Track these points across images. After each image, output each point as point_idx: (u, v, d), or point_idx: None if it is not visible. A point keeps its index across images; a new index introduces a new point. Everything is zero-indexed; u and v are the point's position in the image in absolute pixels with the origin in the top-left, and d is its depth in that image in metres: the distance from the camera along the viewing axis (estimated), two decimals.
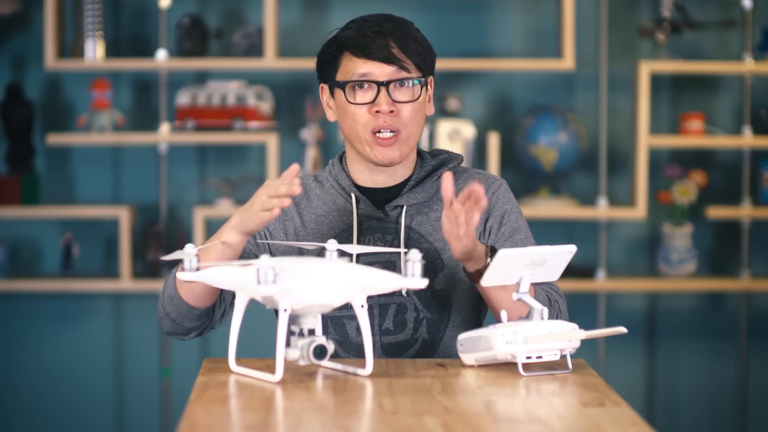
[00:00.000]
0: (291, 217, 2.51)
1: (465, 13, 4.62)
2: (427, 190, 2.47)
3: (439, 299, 2.43)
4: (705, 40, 4.64)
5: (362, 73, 2.40)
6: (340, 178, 2.49)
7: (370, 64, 2.40)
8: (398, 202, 2.46)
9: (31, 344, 4.68)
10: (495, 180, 2.51)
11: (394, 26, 2.42)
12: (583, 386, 2.04)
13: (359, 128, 2.41)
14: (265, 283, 1.98)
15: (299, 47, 4.58)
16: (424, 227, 2.45)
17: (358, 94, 2.41)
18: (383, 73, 2.40)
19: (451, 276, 2.44)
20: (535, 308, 2.12)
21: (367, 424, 1.85)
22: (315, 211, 2.50)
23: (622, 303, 4.71)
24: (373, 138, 2.41)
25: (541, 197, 4.50)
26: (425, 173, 2.49)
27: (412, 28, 2.44)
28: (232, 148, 4.65)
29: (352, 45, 2.41)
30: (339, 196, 2.49)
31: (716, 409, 4.72)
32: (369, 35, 2.40)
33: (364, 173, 2.48)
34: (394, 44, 2.40)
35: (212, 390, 2.03)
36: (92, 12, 4.45)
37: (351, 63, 2.41)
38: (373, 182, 2.48)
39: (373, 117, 2.40)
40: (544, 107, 4.50)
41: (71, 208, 4.51)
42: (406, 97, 2.41)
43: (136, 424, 4.69)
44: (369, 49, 2.39)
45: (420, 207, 2.47)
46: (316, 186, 2.53)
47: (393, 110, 2.40)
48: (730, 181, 4.67)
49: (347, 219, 2.47)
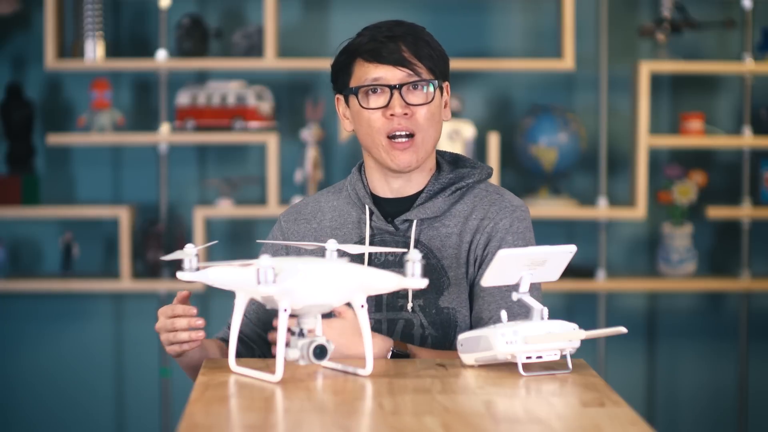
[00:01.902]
0: (304, 236, 2.50)
1: (465, 13, 4.62)
2: (438, 206, 2.44)
3: (445, 317, 2.41)
4: (705, 40, 4.64)
5: (375, 78, 2.39)
6: (358, 188, 2.48)
7: (382, 68, 2.39)
8: (408, 216, 2.44)
9: (31, 344, 4.68)
10: (510, 205, 2.45)
11: (405, 30, 2.41)
12: (583, 386, 2.04)
13: (374, 133, 2.40)
14: (265, 283, 1.98)
15: (299, 47, 4.58)
16: (433, 242, 2.43)
17: (371, 98, 2.41)
18: (395, 77, 2.39)
19: (457, 295, 2.41)
20: (535, 308, 2.12)
21: (367, 424, 1.85)
22: (330, 223, 2.50)
23: (622, 303, 4.71)
24: (389, 143, 2.40)
25: (541, 197, 4.50)
26: (439, 187, 2.46)
27: (424, 33, 2.43)
28: (232, 148, 4.65)
29: (364, 51, 2.40)
30: (354, 207, 2.49)
31: (716, 409, 4.72)
32: (380, 40, 2.39)
33: (381, 181, 2.47)
34: (406, 48, 2.39)
35: (212, 390, 2.03)
36: (92, 12, 4.45)
37: (363, 69, 2.41)
38: (390, 190, 2.47)
39: (388, 121, 2.39)
40: (544, 107, 4.50)
41: (71, 208, 4.51)
42: (419, 99, 2.40)
43: (136, 424, 4.69)
44: (380, 54, 2.39)
45: (431, 222, 2.44)
46: (333, 197, 2.53)
47: (407, 113, 2.39)
48: (730, 181, 4.67)
49: (360, 232, 2.46)
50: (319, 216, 2.51)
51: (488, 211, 2.45)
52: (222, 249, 4.60)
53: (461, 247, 2.43)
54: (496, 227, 2.43)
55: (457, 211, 2.45)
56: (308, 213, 2.53)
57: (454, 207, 2.46)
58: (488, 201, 2.46)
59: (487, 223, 2.43)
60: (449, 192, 2.45)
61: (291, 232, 2.51)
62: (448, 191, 2.45)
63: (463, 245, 2.43)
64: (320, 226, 2.50)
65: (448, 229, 2.44)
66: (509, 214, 2.45)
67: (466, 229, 2.44)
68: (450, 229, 2.44)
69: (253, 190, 4.63)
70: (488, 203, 2.46)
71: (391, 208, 2.47)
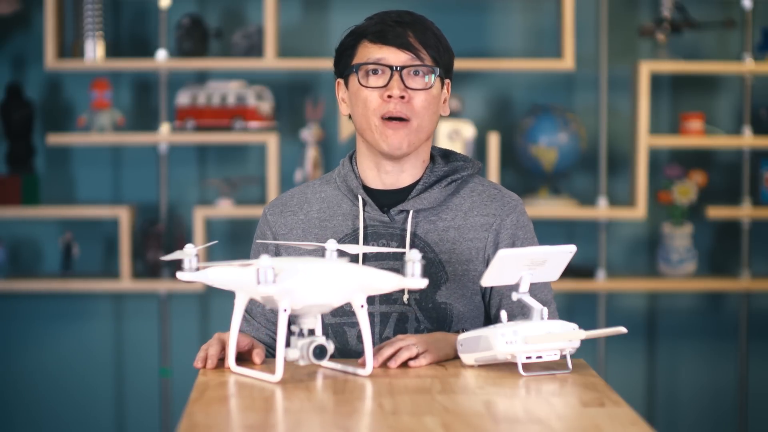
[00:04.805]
0: (292, 228, 2.48)
1: (465, 13, 4.62)
2: (435, 197, 2.43)
3: (441, 312, 2.40)
4: (705, 40, 4.64)
5: (378, 58, 2.38)
6: (349, 178, 2.46)
7: (386, 49, 2.38)
8: (404, 206, 2.42)
9: (31, 344, 4.68)
10: (511, 200, 2.47)
11: (414, 19, 2.42)
12: (583, 386, 2.04)
13: (370, 114, 2.39)
14: (265, 283, 1.98)
15: (299, 47, 4.58)
16: (430, 236, 2.42)
17: (371, 78, 2.40)
18: (398, 59, 2.38)
19: (454, 290, 2.41)
20: (535, 308, 2.12)
21: (367, 424, 1.85)
22: (318, 214, 2.47)
23: (622, 303, 4.71)
24: (382, 123, 2.38)
25: (541, 197, 4.50)
26: (435, 178, 2.45)
27: (433, 25, 2.44)
28: (232, 148, 4.65)
29: (370, 32, 2.40)
30: (344, 198, 2.47)
31: (716, 409, 4.72)
32: (389, 24, 2.39)
33: (372, 171, 2.45)
34: (412, 34, 2.39)
35: (212, 390, 2.03)
36: (92, 12, 4.45)
37: (367, 49, 2.40)
38: (381, 183, 2.45)
39: (385, 102, 2.38)
40: (544, 107, 4.50)
41: (71, 208, 4.51)
42: (419, 85, 2.39)
43: (136, 424, 4.69)
44: (386, 36, 2.38)
45: (427, 214, 2.43)
46: (321, 189, 2.50)
47: (405, 96, 2.37)
48: (730, 181, 4.67)
49: (351, 223, 2.44)
50: (306, 207, 2.48)
51: (490, 208, 2.45)
52: (222, 249, 4.60)
53: (462, 243, 2.42)
54: (503, 224, 2.44)
55: (455, 205, 2.45)
56: (294, 204, 2.49)
57: (451, 200, 2.45)
58: (487, 196, 2.46)
59: (493, 221, 2.44)
60: (445, 183, 2.44)
61: (278, 225, 2.48)
62: (444, 182, 2.44)
63: (465, 241, 2.42)
64: (308, 217, 2.47)
65: (445, 222, 2.43)
66: (513, 209, 2.45)
67: (467, 224, 2.43)
68: (447, 222, 2.43)
69: (253, 190, 4.63)
70: (488, 198, 2.46)
71: (383, 199, 2.45)
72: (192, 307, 4.68)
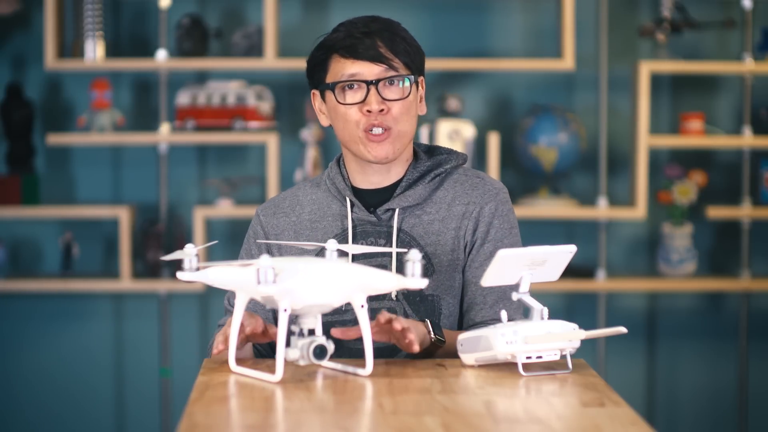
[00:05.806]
0: (284, 229, 2.50)
1: (465, 13, 4.62)
2: (419, 193, 2.46)
3: (429, 305, 2.43)
4: (705, 40, 4.64)
5: (351, 74, 2.41)
6: (337, 181, 2.50)
7: (359, 64, 2.40)
8: (390, 205, 2.46)
9: (31, 344, 4.68)
10: (492, 188, 2.50)
11: (381, 26, 2.43)
12: (583, 386, 2.04)
13: (351, 127, 2.42)
14: (265, 283, 1.98)
15: (299, 47, 4.58)
16: (416, 230, 2.45)
17: (348, 94, 2.42)
18: (372, 73, 2.40)
19: (442, 282, 2.43)
20: (535, 308, 2.12)
21: (367, 424, 1.85)
22: (309, 216, 2.50)
23: (622, 303, 4.71)
24: (365, 135, 2.42)
25: (541, 197, 4.50)
26: (418, 174, 2.48)
27: (399, 28, 2.45)
28: (232, 148, 4.65)
29: (340, 47, 2.42)
30: (334, 200, 2.50)
31: (716, 409, 4.72)
32: (356, 36, 2.41)
33: (360, 174, 2.49)
34: (382, 44, 2.41)
35: (212, 390, 2.03)
36: (92, 12, 4.45)
37: (340, 64, 2.42)
38: (369, 183, 2.49)
39: (365, 116, 2.41)
40: (544, 107, 4.50)
41: (71, 208, 4.51)
42: (395, 95, 2.42)
43: (136, 424, 4.69)
44: (357, 50, 2.40)
45: (412, 209, 2.47)
46: (312, 191, 2.53)
47: (383, 108, 2.40)
48: (730, 181, 4.67)
49: (341, 223, 2.47)
50: (297, 209, 2.52)
51: (471, 196, 2.48)
52: (222, 249, 4.60)
53: (446, 233, 2.45)
54: (482, 212, 2.46)
55: (438, 198, 2.48)
56: (287, 206, 2.53)
57: (435, 194, 2.48)
58: (469, 185, 2.49)
59: (473, 209, 2.47)
60: (429, 179, 2.48)
61: (270, 227, 2.51)
62: (428, 178, 2.48)
63: (449, 231, 2.45)
64: (299, 219, 2.51)
65: (429, 216, 2.46)
66: (493, 197, 2.48)
67: (451, 215, 2.46)
68: (432, 216, 2.46)
69: (253, 190, 4.63)
70: (470, 187, 2.49)
71: (371, 199, 2.48)
72: (192, 307, 4.68)
